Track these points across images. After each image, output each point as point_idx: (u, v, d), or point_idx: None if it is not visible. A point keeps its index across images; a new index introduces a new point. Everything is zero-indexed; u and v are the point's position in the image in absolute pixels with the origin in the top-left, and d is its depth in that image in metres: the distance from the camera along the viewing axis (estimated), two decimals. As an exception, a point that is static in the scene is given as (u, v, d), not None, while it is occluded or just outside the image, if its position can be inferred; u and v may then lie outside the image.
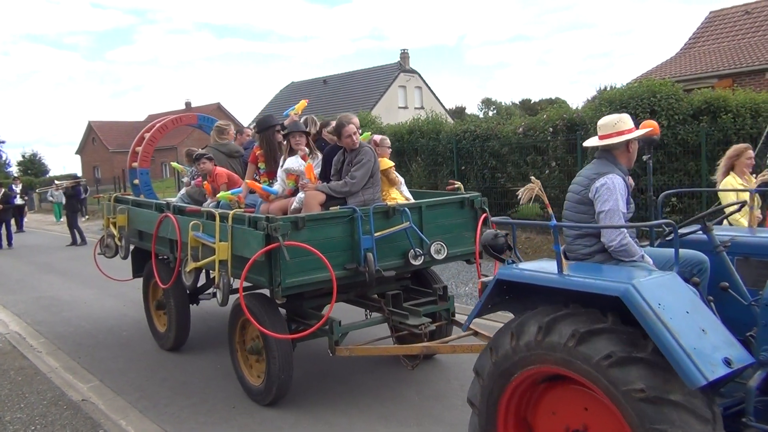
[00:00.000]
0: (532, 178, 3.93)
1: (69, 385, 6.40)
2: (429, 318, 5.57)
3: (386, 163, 6.20)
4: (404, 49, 46.04)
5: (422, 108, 36.50)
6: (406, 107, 42.89)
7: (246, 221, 5.22)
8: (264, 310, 5.30)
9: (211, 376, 6.42)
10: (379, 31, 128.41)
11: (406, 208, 5.54)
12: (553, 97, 58.33)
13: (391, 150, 6.59)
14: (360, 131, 5.85)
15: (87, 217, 26.42)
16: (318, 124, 6.92)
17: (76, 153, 64.01)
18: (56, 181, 25.31)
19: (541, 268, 3.54)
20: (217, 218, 5.43)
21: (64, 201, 25.21)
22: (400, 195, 6.17)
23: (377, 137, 6.46)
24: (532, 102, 67.18)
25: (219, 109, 57.36)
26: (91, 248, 17.62)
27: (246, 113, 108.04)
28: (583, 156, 12.11)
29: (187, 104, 61.03)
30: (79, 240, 18.62)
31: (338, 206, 5.40)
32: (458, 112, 55.76)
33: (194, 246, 5.84)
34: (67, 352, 7.61)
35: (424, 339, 5.35)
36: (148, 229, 7.04)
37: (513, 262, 3.84)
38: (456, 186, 6.66)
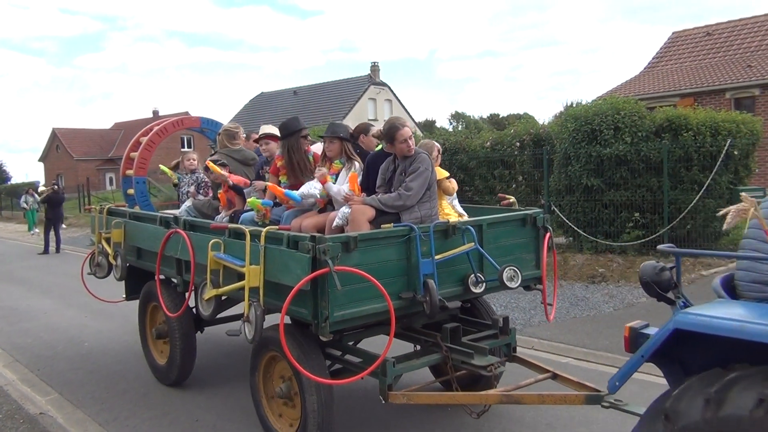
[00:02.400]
0: (744, 195, 3.00)
1: (26, 397, 6.24)
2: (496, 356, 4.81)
3: (442, 172, 5.47)
4: (374, 62, 46.38)
5: (392, 121, 36.63)
6: (376, 119, 43.05)
7: (285, 240, 4.31)
8: (300, 346, 4.42)
9: (174, 389, 6.31)
10: (350, 44, 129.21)
11: (470, 227, 4.74)
12: (521, 113, 59.20)
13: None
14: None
15: (64, 226, 25.37)
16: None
17: (39, 160, 62.77)
18: (42, 188, 24.62)
19: (744, 317, 2.67)
20: (248, 236, 4.49)
21: (37, 207, 24.55)
22: (452, 210, 5.47)
23: (434, 144, 5.77)
24: (501, 117, 67.98)
25: (187, 118, 56.77)
26: (62, 258, 17.48)
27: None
28: (549, 170, 12.30)
29: (155, 112, 60.33)
30: (53, 248, 18.24)
31: (391, 223, 4.58)
32: (428, 126, 56.14)
33: (214, 269, 4.94)
34: (25, 363, 7.42)
35: (493, 382, 4.61)
36: (150, 247, 6.13)
37: (685, 304, 3.07)
38: (510, 201, 5.91)
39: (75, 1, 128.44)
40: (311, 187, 5.28)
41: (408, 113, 46.82)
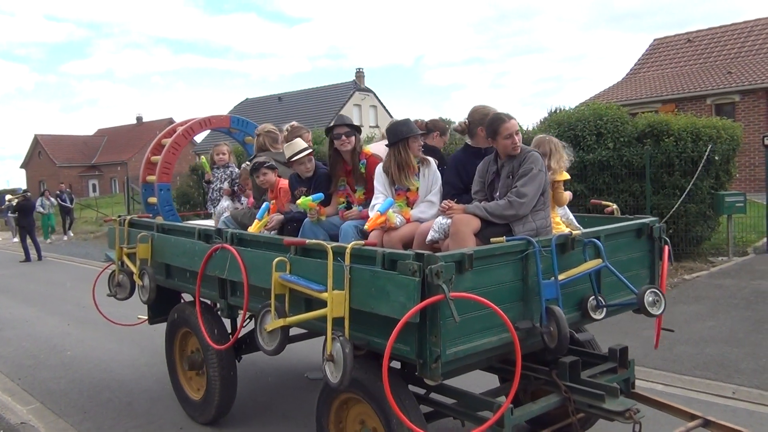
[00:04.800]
0: None
1: (7, 407, 6.15)
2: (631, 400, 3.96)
3: (564, 174, 4.66)
4: (359, 68, 46.45)
5: (377, 126, 36.76)
6: (361, 125, 43.16)
7: (380, 259, 3.45)
8: (392, 389, 3.50)
9: (157, 397, 6.26)
10: (337, 50, 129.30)
11: (597, 240, 4.01)
12: (506, 118, 59.37)
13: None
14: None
15: (51, 239, 23.11)
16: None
17: (21, 167, 62.18)
18: (8, 195, 24.29)
19: None
20: (330, 254, 3.58)
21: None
22: (558, 219, 4.70)
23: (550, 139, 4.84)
24: (485, 123, 68.23)
25: (171, 124, 56.57)
26: (44, 266, 17.29)
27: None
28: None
29: (139, 119, 60.08)
30: (35, 256, 18.04)
31: (503, 236, 3.77)
32: (413, 132, 56.27)
33: (279, 293, 4.03)
34: (6, 373, 7.31)
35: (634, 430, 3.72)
36: (184, 265, 5.28)
37: None
38: (612, 208, 5.26)
39: (61, 8, 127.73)
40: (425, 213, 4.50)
41: (393, 119, 46.96)
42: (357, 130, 5.06)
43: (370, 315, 3.48)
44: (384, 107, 47.32)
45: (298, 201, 4.76)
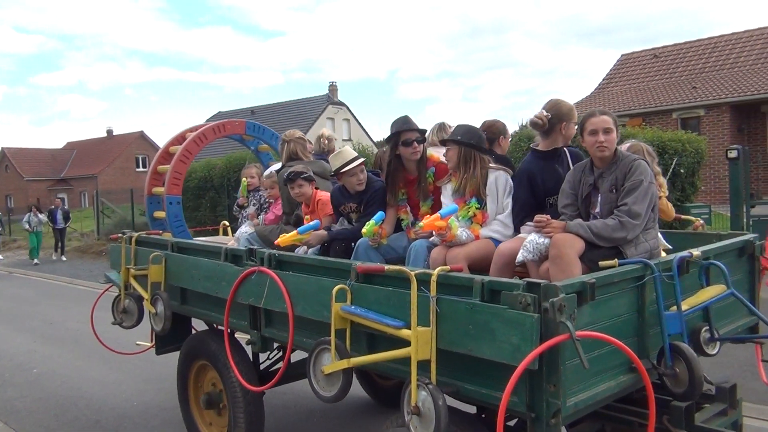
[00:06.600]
0: None
1: (-30, 427, 6.02)
2: None
3: (662, 185, 4.03)
4: (333, 82, 46.57)
5: (350, 140, 36.80)
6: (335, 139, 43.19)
7: (478, 288, 2.74)
8: None
9: (126, 415, 6.17)
10: (312, 64, 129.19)
11: (720, 263, 3.43)
12: (478, 132, 59.93)
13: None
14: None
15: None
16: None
17: (-13, 181, 60.94)
18: None
19: None
20: (414, 282, 2.85)
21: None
22: None
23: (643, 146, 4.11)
24: (458, 136, 68.72)
25: (142, 138, 56.02)
26: (9, 282, 16.88)
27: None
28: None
29: (109, 132, 59.29)
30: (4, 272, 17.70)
31: (615, 260, 3.17)
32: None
33: (339, 329, 3.27)
34: (-31, 392, 7.16)
35: None
36: (210, 291, 4.45)
37: None
38: (698, 223, 4.75)
39: (31, 20, 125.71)
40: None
41: (366, 133, 47.06)
42: (423, 135, 4.36)
43: (457, 356, 2.83)
44: (357, 121, 47.47)
45: (364, 230, 4.04)
